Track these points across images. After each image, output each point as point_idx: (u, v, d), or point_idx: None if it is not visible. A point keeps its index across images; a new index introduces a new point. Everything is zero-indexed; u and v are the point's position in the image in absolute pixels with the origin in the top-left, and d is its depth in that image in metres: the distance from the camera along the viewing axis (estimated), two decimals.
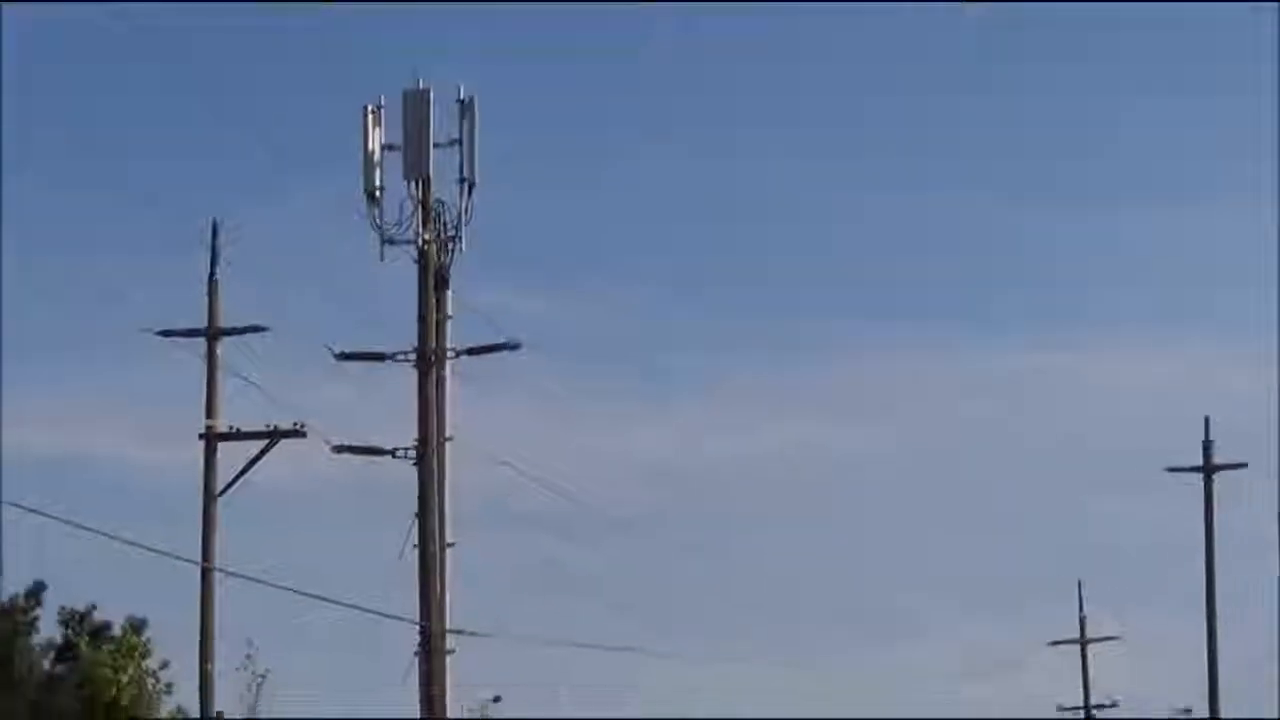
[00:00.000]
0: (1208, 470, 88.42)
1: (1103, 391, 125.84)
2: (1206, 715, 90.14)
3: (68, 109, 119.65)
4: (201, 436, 63.08)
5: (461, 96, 51.41)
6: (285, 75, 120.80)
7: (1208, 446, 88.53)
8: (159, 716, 69.99)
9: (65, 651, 77.88)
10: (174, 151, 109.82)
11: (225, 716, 63.58)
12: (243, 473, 62.94)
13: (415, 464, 51.35)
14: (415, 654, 51.48)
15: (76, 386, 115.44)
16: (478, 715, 65.13)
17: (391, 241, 51.06)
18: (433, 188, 51.14)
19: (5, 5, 72.76)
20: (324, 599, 51.48)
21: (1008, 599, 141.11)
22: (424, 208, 51.06)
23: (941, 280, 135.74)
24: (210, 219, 64.74)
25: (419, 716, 51.63)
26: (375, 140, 51.20)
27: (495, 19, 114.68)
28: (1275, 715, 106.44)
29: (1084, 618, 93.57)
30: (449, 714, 51.99)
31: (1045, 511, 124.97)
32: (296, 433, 60.86)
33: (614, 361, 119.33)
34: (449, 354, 51.70)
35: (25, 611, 78.30)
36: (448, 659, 51.44)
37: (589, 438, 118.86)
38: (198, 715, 64.95)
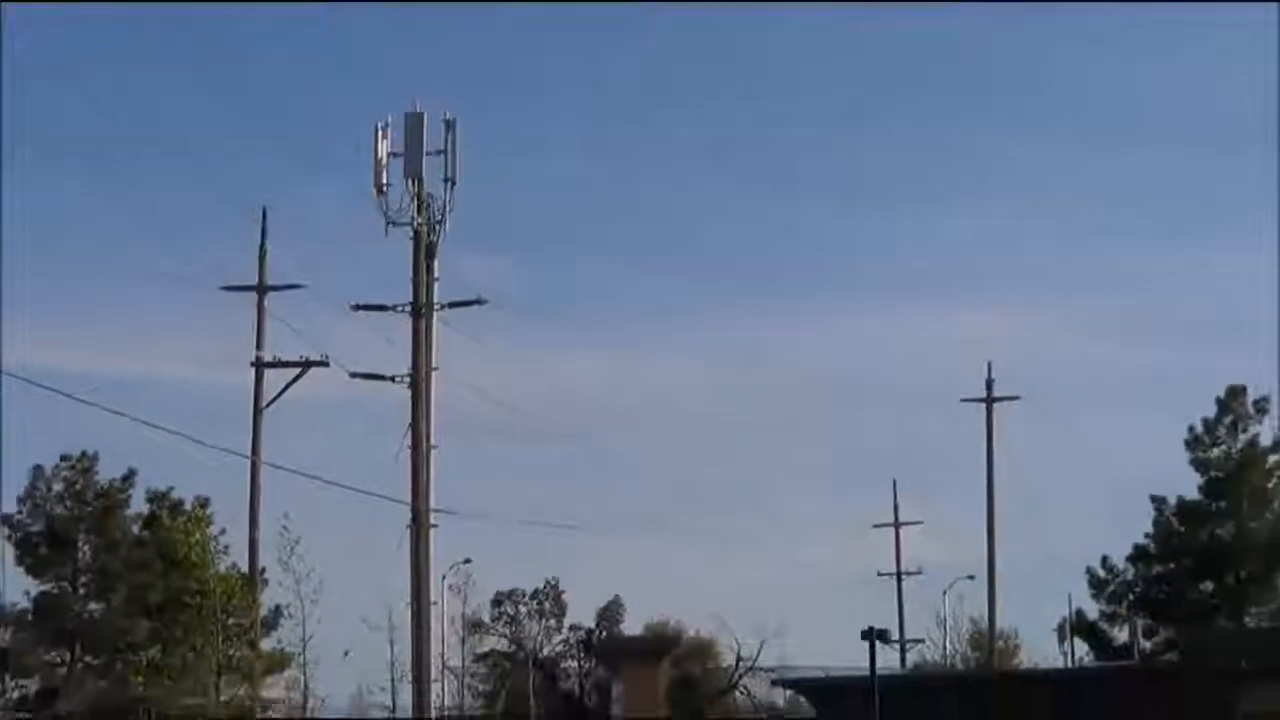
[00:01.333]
0: (989, 401, 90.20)
1: (920, 344, 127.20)
2: (986, 579, 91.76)
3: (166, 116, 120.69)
4: (252, 364, 64.43)
5: (447, 118, 52.56)
6: (318, 97, 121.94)
7: (990, 383, 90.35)
8: (218, 570, 71.01)
9: (151, 521, 78.82)
10: (237, 156, 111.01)
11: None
12: (282, 392, 64.44)
13: (409, 387, 52.47)
14: (407, 528, 52.56)
15: (157, 327, 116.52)
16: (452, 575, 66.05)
17: (394, 223, 52.09)
18: (425, 184, 52.26)
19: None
20: (341, 485, 52.73)
21: (844, 494, 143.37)
22: (418, 200, 52.15)
23: (789, 265, 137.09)
24: (262, 207, 66.35)
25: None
26: (383, 149, 52.22)
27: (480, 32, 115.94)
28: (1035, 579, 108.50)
29: (897, 507, 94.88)
30: (430, 573, 53.23)
31: (874, 430, 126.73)
32: (322, 363, 62.27)
33: (562, 313, 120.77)
34: (435, 306, 52.81)
35: (121, 492, 79.38)
36: (431, 532, 52.56)
37: (540, 368, 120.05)
38: (246, 570, 66.31)
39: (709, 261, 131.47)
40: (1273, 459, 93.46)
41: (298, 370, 63.87)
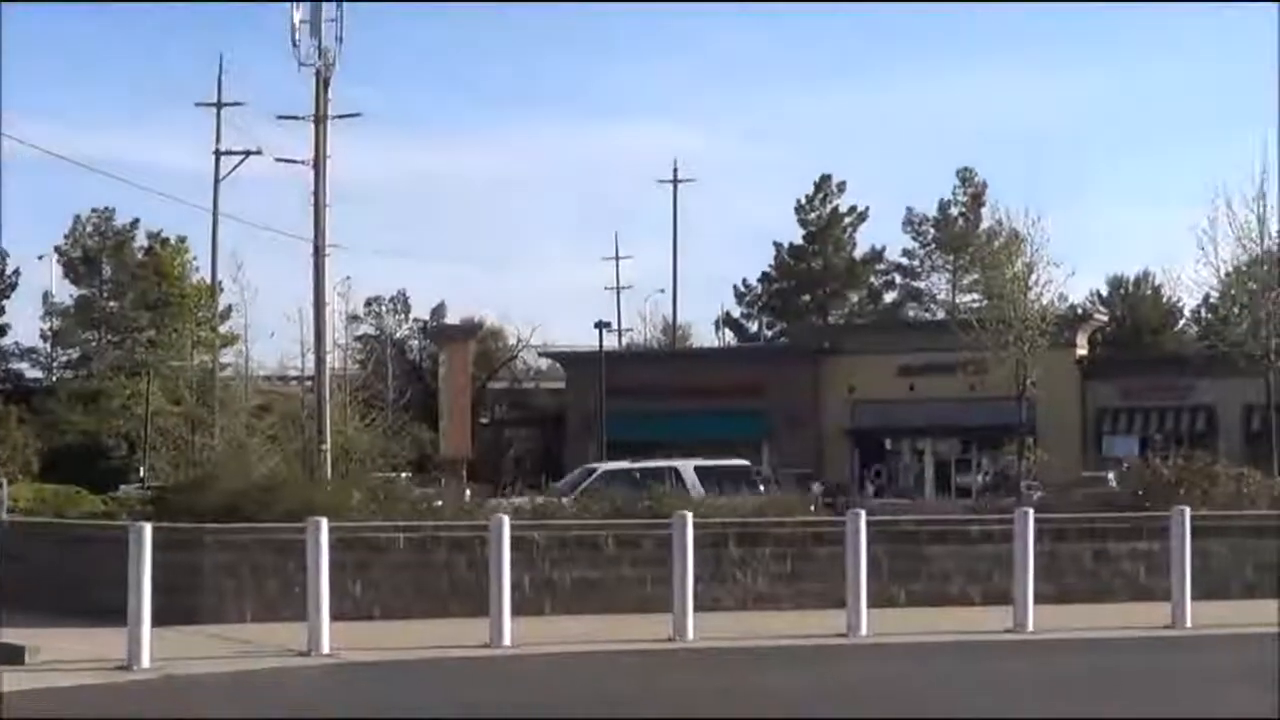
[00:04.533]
0: (675, 181, 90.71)
1: (633, 144, 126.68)
2: (671, 292, 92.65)
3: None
4: (213, 152, 63.44)
5: None
6: None
7: (675, 170, 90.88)
8: (192, 281, 70.47)
9: (149, 250, 78.16)
10: (200, 24, 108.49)
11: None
12: (230, 171, 63.29)
13: (313, 168, 51.87)
14: (311, 256, 52.21)
15: (156, 131, 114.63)
16: (340, 286, 65.53)
17: (303, 65, 50.58)
18: (323, 39, 51.29)
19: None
20: (269, 229, 52.68)
21: (588, 240, 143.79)
22: (319, 49, 51.19)
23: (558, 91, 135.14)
24: (220, 54, 65.26)
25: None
26: (297, 16, 51.05)
27: None
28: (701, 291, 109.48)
29: (618, 246, 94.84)
30: (325, 285, 52.84)
31: (610, 199, 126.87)
32: (258, 152, 61.22)
33: (411, 123, 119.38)
34: (329, 117, 52.02)
35: (130, 231, 78.48)
36: (326, 259, 52.19)
37: (391, 156, 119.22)
38: (210, 281, 65.69)
39: (507, 87, 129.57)
40: (847, 220, 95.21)
41: (242, 156, 63.00)
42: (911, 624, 20.23)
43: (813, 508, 30.81)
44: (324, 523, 18.67)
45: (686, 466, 39.08)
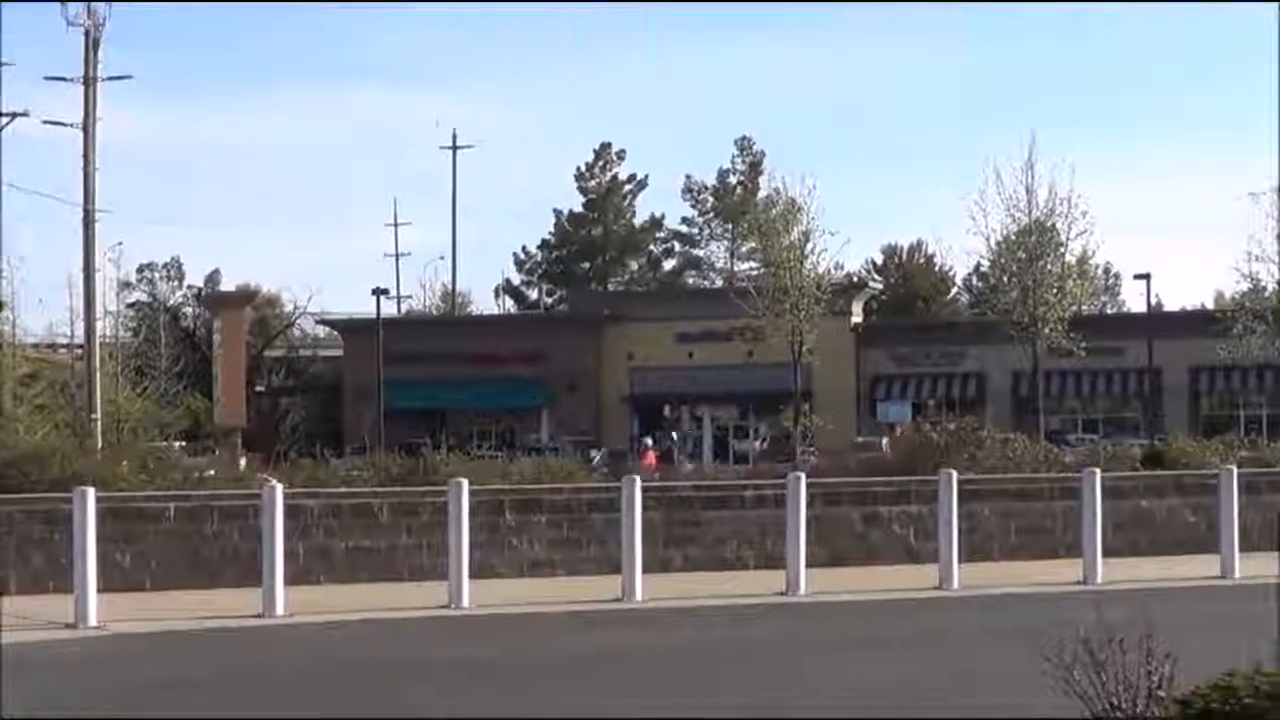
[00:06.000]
0: (454, 149, 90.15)
1: (413, 116, 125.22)
2: (451, 259, 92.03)
3: None
4: None
5: None
6: None
7: (454, 136, 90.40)
8: None
9: None
10: None
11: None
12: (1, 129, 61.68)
13: (82, 131, 50.76)
14: (81, 222, 51.10)
15: None
16: (111, 253, 63.83)
17: (71, 23, 50.01)
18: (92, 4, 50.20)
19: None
20: (41, 194, 51.35)
21: (374, 210, 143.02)
22: (88, 9, 50.13)
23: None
24: None
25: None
26: None
27: None
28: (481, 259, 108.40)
29: (396, 214, 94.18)
30: (95, 251, 51.72)
31: (385, 177, 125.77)
32: (25, 114, 59.63)
33: (187, 89, 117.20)
34: (99, 79, 50.96)
35: None
36: (96, 225, 51.16)
37: (166, 122, 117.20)
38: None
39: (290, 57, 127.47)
40: (627, 188, 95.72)
41: (8, 119, 61.14)
42: (686, 589, 20.45)
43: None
44: (91, 492, 18.34)
45: None
